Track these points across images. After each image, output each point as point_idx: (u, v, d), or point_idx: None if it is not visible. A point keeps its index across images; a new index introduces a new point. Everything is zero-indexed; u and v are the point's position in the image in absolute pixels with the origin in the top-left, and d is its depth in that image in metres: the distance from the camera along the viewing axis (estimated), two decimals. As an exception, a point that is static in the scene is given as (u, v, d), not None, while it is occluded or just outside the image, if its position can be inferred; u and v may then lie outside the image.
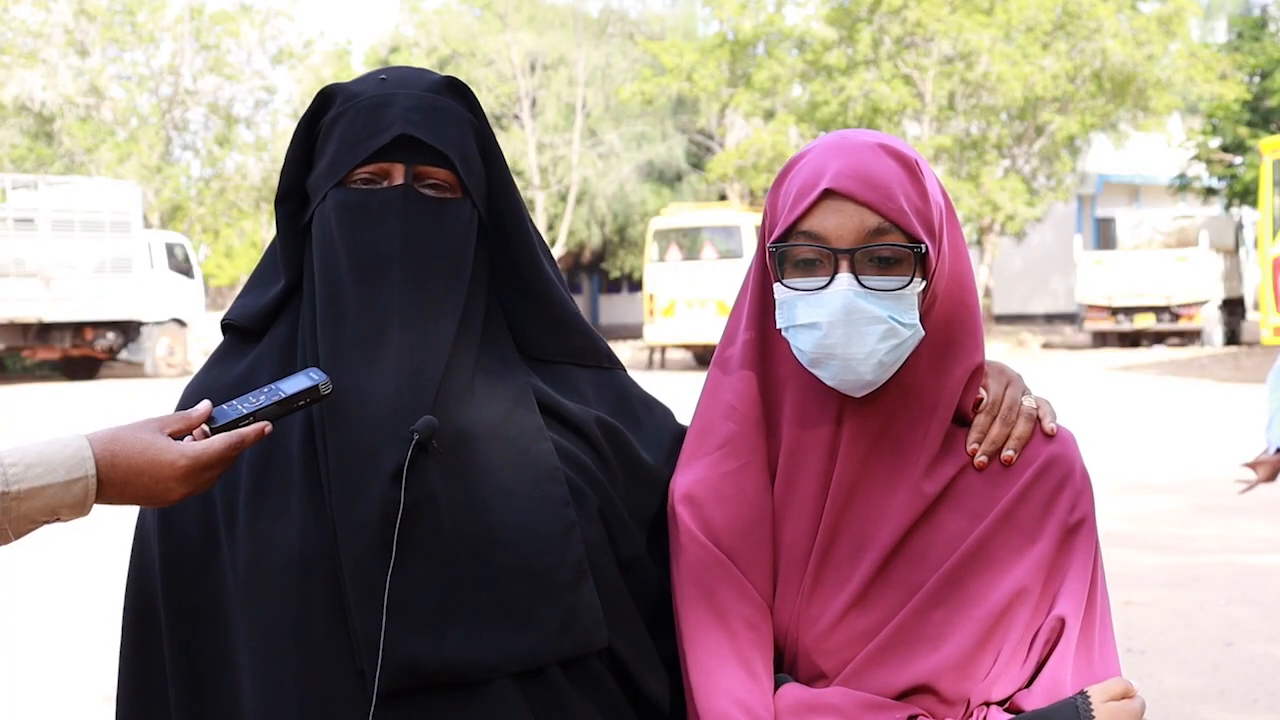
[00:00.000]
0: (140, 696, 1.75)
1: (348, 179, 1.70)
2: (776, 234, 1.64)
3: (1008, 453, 1.69)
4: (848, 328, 1.59)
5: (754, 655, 1.66)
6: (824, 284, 1.61)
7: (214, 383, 1.75)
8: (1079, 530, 1.68)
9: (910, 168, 1.64)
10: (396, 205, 1.69)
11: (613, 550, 1.71)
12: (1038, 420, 1.73)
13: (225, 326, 1.80)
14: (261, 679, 1.64)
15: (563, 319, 1.81)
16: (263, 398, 1.61)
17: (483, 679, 1.61)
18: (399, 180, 1.69)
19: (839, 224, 1.60)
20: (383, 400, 1.63)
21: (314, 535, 1.63)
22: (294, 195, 1.76)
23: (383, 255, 1.68)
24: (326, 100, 1.74)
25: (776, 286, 1.65)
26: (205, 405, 1.61)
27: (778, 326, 1.67)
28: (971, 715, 1.62)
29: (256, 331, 1.77)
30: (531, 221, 1.81)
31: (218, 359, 1.80)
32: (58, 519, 1.53)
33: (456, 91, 1.75)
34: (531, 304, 1.78)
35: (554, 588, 1.64)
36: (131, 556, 1.78)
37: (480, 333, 1.73)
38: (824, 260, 1.61)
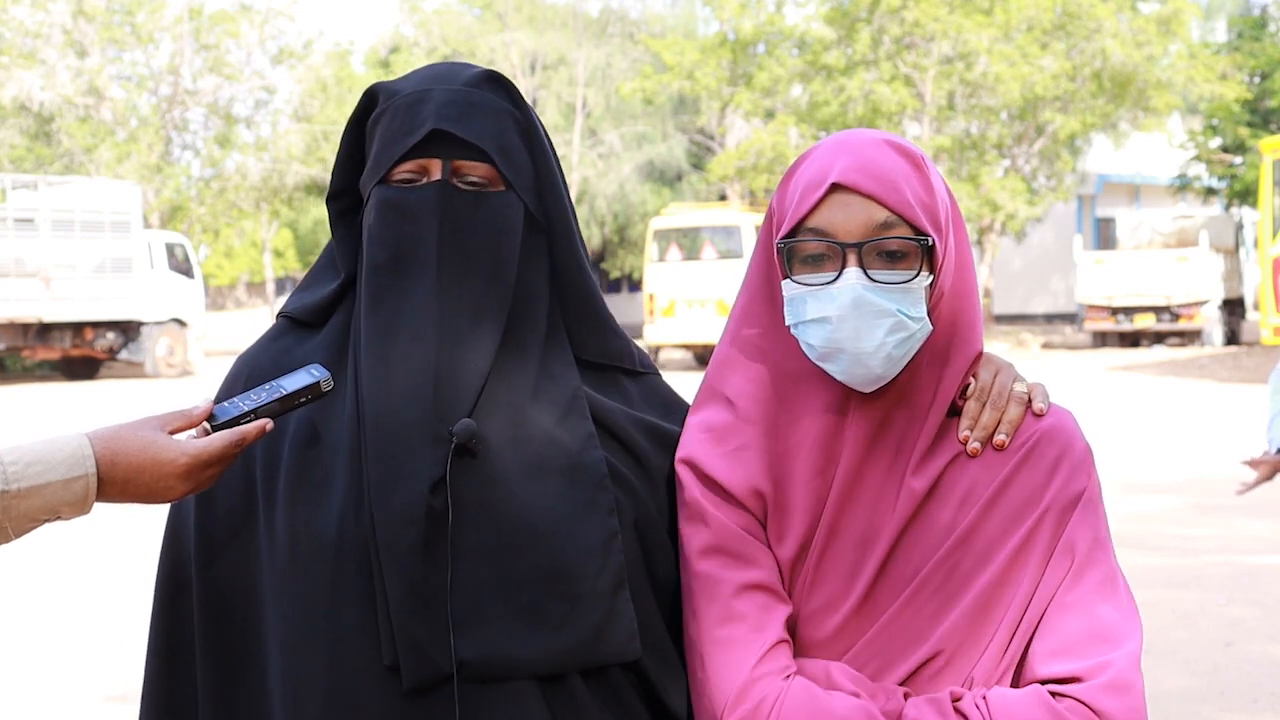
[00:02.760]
0: (168, 672, 1.76)
1: (389, 177, 1.71)
2: (784, 230, 1.64)
3: (999, 437, 1.68)
4: (857, 321, 1.59)
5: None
6: (832, 278, 1.61)
7: (266, 357, 1.78)
8: (1076, 505, 1.67)
9: (916, 163, 1.64)
10: (433, 201, 1.69)
11: (646, 566, 1.71)
12: (1029, 403, 1.72)
13: (282, 317, 1.83)
14: (289, 661, 1.65)
15: (605, 319, 1.81)
16: (263, 395, 1.61)
17: (511, 676, 1.62)
18: (437, 176, 1.70)
19: (846, 218, 1.60)
20: (421, 398, 1.64)
21: (351, 525, 1.64)
22: (344, 194, 1.79)
23: (420, 251, 1.69)
24: (372, 99, 1.76)
25: (785, 283, 1.65)
26: (206, 403, 1.62)
27: (787, 323, 1.67)
28: (971, 684, 1.62)
29: (312, 323, 1.79)
30: (576, 217, 1.81)
31: (272, 338, 1.81)
32: (58, 517, 1.53)
33: (496, 84, 1.75)
34: (575, 302, 1.78)
35: (592, 594, 1.64)
36: (166, 530, 1.79)
37: (543, 331, 1.73)
38: (832, 255, 1.61)
